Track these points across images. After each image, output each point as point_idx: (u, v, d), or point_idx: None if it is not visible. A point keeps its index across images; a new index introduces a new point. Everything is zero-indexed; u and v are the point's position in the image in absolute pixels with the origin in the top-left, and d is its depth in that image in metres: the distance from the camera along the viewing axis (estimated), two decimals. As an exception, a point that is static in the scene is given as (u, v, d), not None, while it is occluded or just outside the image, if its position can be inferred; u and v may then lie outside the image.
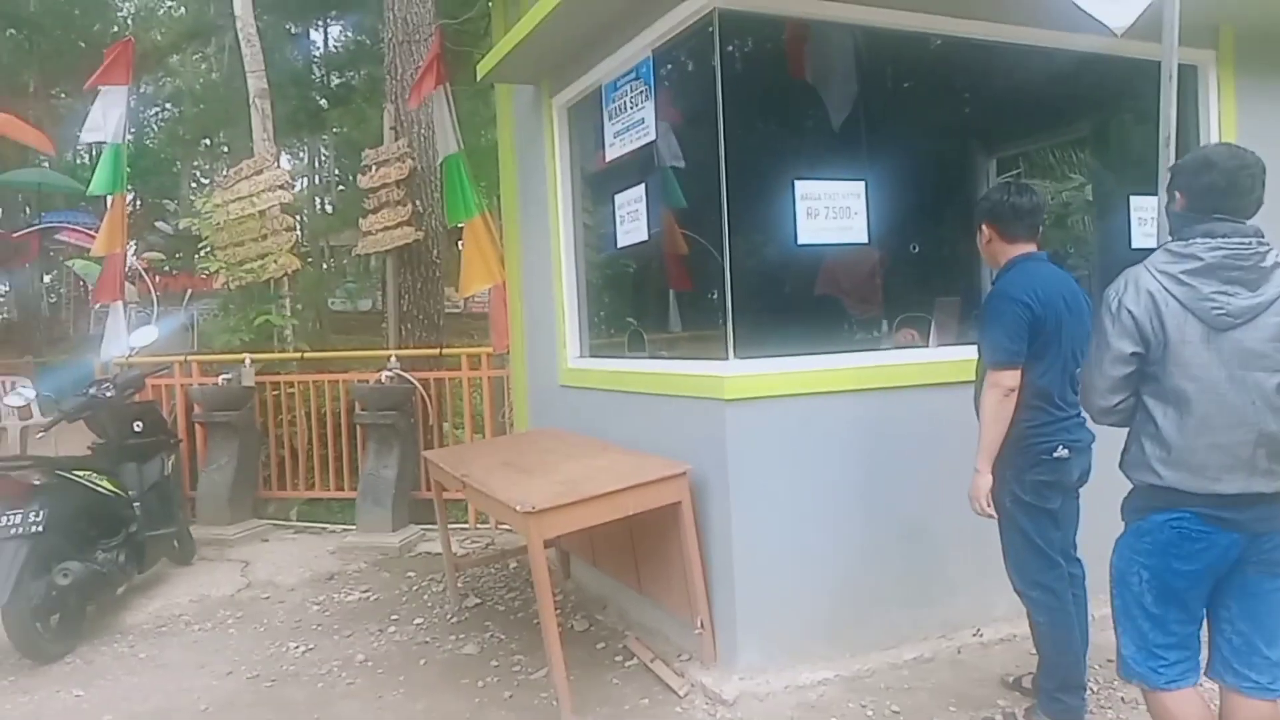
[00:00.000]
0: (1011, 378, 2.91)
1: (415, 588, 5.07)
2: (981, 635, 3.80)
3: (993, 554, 3.20)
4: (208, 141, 21.55)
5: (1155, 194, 3.30)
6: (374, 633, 4.36)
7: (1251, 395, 2.16)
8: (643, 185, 4.26)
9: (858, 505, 3.72)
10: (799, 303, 4.60)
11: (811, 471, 3.64)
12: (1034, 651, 3.16)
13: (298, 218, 8.39)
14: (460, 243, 8.72)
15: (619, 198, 4.42)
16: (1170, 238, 2.33)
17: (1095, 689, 3.26)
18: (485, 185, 7.67)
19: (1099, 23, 3.08)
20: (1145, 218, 4.32)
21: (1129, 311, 2.22)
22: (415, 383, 6.35)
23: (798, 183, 3.76)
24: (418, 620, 4.51)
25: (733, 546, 3.50)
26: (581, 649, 3.99)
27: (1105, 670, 3.43)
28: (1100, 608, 3.21)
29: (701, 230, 3.93)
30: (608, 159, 4.46)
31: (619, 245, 4.49)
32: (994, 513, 3.01)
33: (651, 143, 4.11)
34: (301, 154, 25.12)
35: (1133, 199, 4.38)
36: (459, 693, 3.64)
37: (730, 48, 3.66)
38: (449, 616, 4.54)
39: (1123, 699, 3.25)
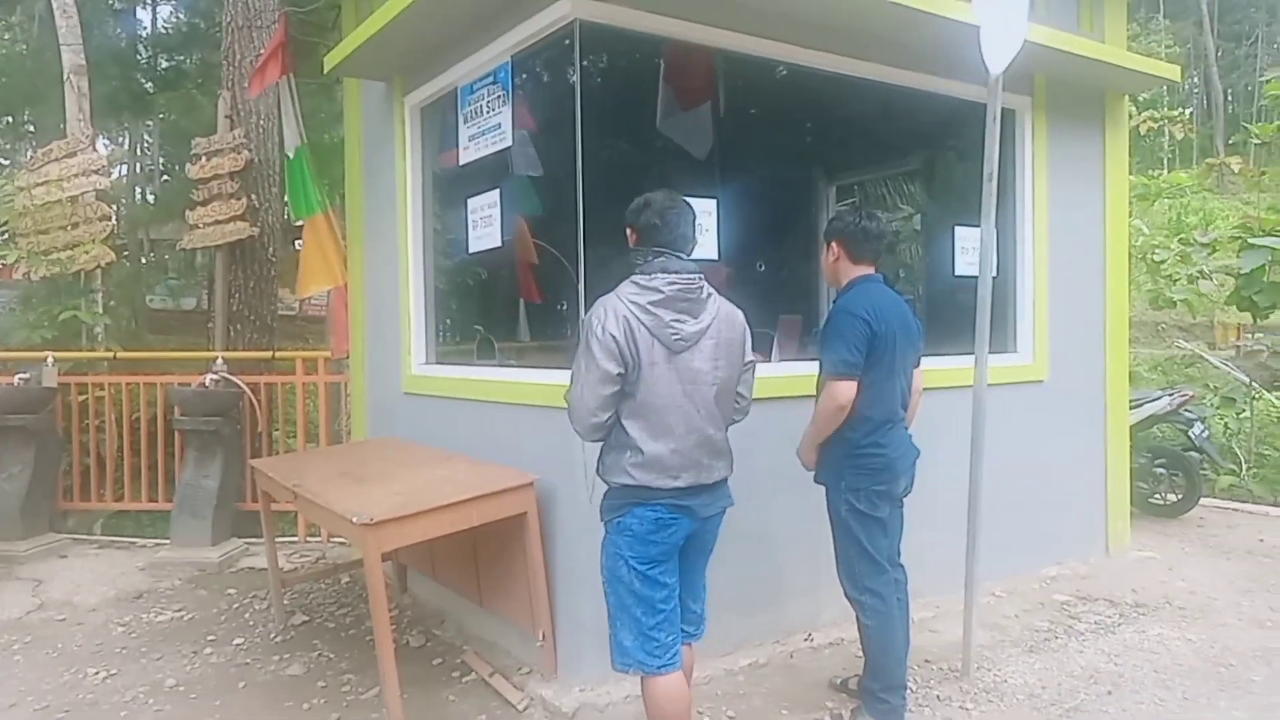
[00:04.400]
0: (848, 389, 3.07)
1: (236, 606, 4.73)
2: (812, 640, 3.96)
3: (824, 562, 3.34)
4: (9, 119, 19.51)
5: (977, 225, 3.59)
6: (187, 655, 4.03)
7: (698, 406, 2.60)
8: (497, 190, 4.20)
9: (701, 516, 3.78)
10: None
11: (657, 482, 3.67)
12: (860, 654, 3.31)
13: (115, 207, 7.70)
14: (297, 241, 8.30)
15: (472, 202, 4.34)
16: (635, 269, 2.67)
17: (914, 688, 3.44)
18: (328, 184, 7.29)
19: (983, 64, 3.32)
20: (967, 247, 4.66)
21: (613, 336, 2.50)
22: (243, 387, 5.97)
23: (652, 198, 3.80)
24: (237, 640, 4.21)
25: (578, 557, 3.48)
26: (417, 666, 3.85)
27: (922, 670, 3.65)
28: (918, 611, 3.43)
29: (556, 240, 3.92)
30: (461, 162, 4.37)
31: (470, 251, 4.39)
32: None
33: (507, 148, 4.06)
34: (121, 139, 23.21)
35: (957, 229, 4.72)
36: (281, 716, 3.42)
37: (590, 60, 3.67)
38: (273, 635, 4.27)
39: (938, 697, 3.45)
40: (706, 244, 3.96)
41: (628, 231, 2.74)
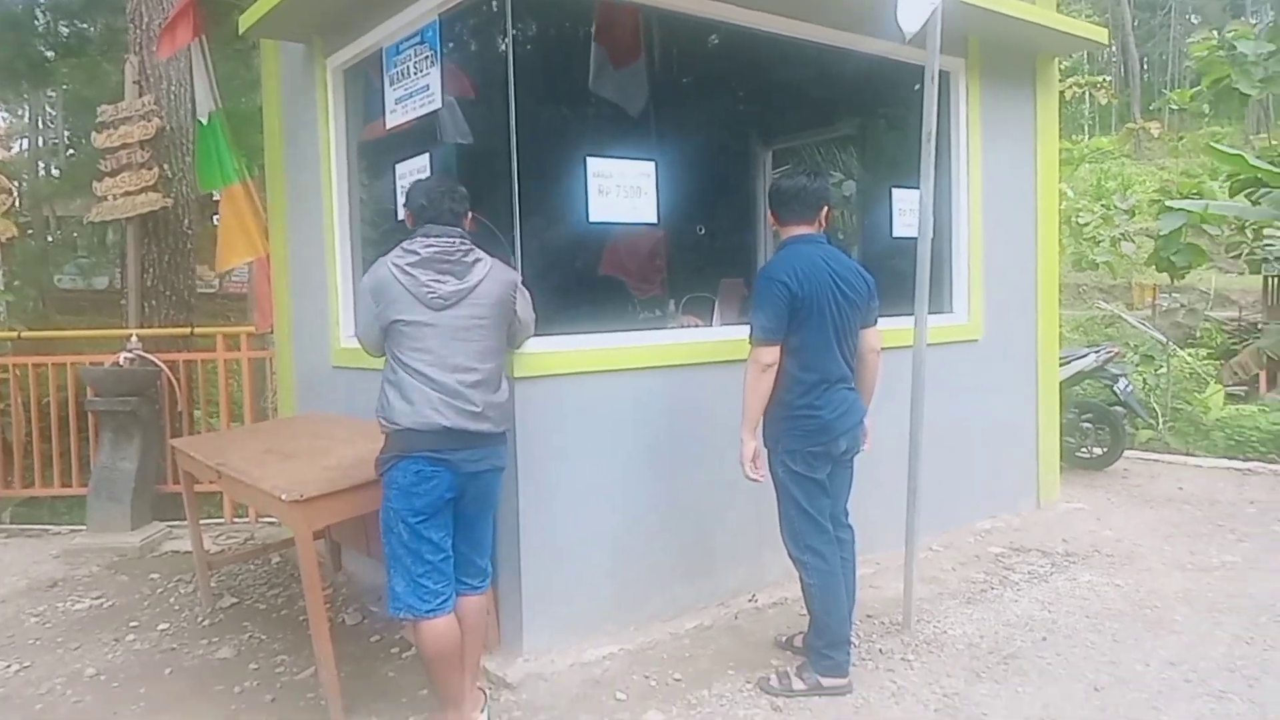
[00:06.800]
0: (769, 354, 3.07)
1: (160, 591, 4.53)
2: (756, 601, 3.96)
3: (767, 524, 3.33)
4: (-102, 90, 18.27)
5: (915, 187, 3.59)
6: (108, 643, 3.85)
7: (459, 357, 2.77)
8: (426, 155, 4.04)
9: (644, 481, 3.75)
10: (588, 282, 4.59)
11: (598, 449, 3.63)
12: (804, 613, 3.31)
13: (17, 182, 7.26)
14: (216, 216, 7.94)
15: (400, 168, 4.17)
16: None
17: (857, 643, 3.47)
18: (246, 155, 6.97)
19: (896, 25, 3.27)
20: (905, 209, 4.67)
21: (369, 291, 2.81)
22: (161, 365, 5.69)
23: (590, 159, 3.71)
24: (162, 626, 4.03)
25: (519, 528, 3.41)
26: (354, 644, 3.74)
27: (864, 625, 3.69)
28: (860, 567, 3.45)
29: (489, 206, 3.79)
30: (388, 127, 4.19)
31: (400, 219, 4.22)
32: (758, 477, 3.15)
33: (436, 111, 3.90)
34: (21, 111, 21.95)
35: (894, 192, 4.72)
36: (211, 701, 3.28)
37: (522, 19, 3.54)
38: (200, 619, 4.10)
39: (880, 651, 3.49)
40: (645, 207, 3.89)
41: (405, 215, 2.97)
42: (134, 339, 5.73)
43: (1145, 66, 37.26)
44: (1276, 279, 10.72)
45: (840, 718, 2.98)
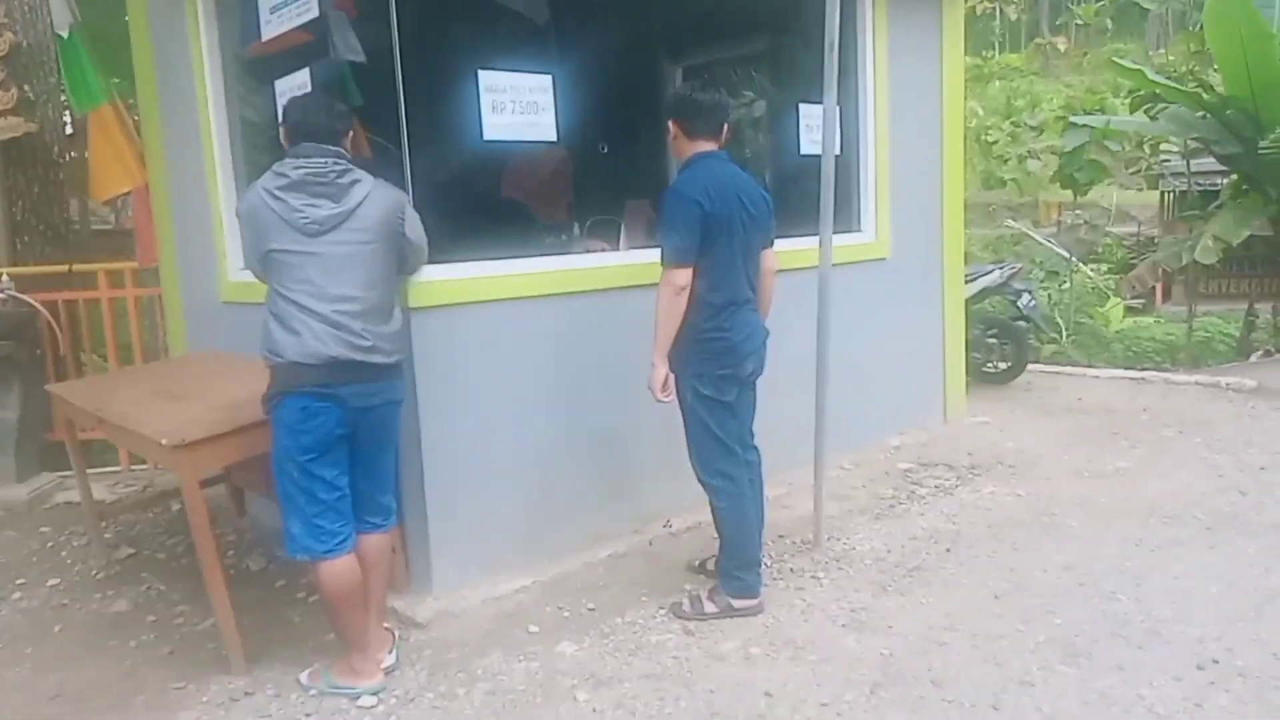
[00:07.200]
0: (683, 275, 2.97)
1: (51, 545, 4.30)
2: (671, 526, 3.97)
3: (679, 449, 3.30)
4: None
5: (820, 102, 3.50)
6: (-9, 603, 3.65)
7: (341, 287, 2.59)
8: (307, 70, 3.75)
9: (552, 411, 3.68)
10: (487, 205, 4.40)
11: (504, 379, 3.52)
12: (716, 536, 3.32)
13: None
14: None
15: (280, 84, 3.87)
16: None
17: (769, 563, 3.52)
18: (117, 80, 6.42)
19: None
20: (812, 125, 4.57)
21: (243, 218, 2.67)
22: (37, 306, 5.31)
23: (482, 73, 3.50)
24: (52, 581, 3.84)
25: (423, 464, 3.30)
26: (259, 589, 3.62)
27: (776, 545, 3.74)
28: (772, 488, 3.47)
29: (378, 127, 3.57)
30: (264, 39, 3.88)
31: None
32: (666, 399, 3.10)
33: (315, 20, 3.61)
34: None
35: (801, 107, 4.61)
36: (105, 657, 3.14)
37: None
38: (95, 572, 3.91)
39: (791, 570, 3.54)
40: (543, 124, 3.71)
41: (283, 134, 2.76)
42: (4, 278, 5.31)
43: (1055, -18, 37.61)
44: (1172, 194, 11.10)
45: (751, 638, 3.02)
